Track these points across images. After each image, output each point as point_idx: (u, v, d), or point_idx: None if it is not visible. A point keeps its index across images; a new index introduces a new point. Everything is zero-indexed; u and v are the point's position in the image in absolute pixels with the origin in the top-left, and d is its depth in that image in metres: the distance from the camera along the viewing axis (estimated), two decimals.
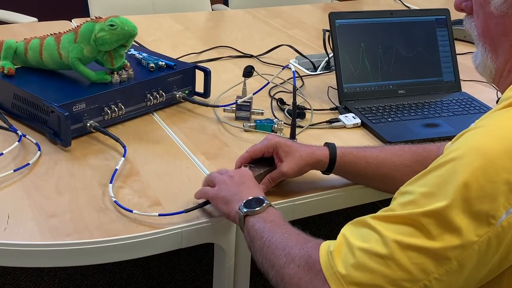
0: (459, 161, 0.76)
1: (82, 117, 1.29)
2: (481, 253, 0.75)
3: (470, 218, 0.74)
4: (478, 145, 0.77)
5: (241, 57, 1.87)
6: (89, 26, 1.34)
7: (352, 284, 0.77)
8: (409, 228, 0.76)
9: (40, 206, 1.08)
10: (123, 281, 2.02)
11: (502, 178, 0.74)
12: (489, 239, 0.75)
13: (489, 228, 0.74)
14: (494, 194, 0.74)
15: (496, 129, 0.78)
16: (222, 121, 1.43)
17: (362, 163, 1.16)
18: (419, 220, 0.76)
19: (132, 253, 1.04)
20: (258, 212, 0.97)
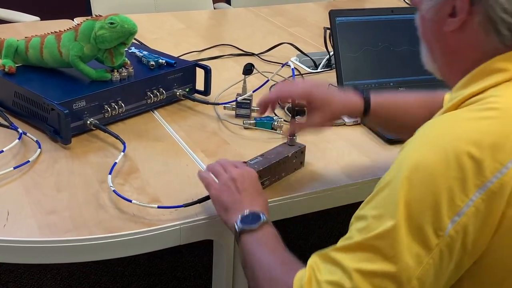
0: (398, 179, 0.77)
1: (82, 115, 1.30)
2: (436, 265, 0.77)
3: (418, 234, 0.76)
4: (413, 159, 0.77)
5: (243, 55, 1.87)
6: (89, 24, 1.35)
7: None
8: (367, 254, 0.78)
9: (40, 203, 1.09)
10: (125, 279, 2.03)
11: (442, 188, 0.75)
12: (441, 251, 0.76)
13: (438, 240, 0.75)
14: (436, 205, 0.75)
15: (428, 139, 0.79)
16: (222, 118, 1.44)
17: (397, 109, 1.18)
18: (374, 244, 0.77)
19: (131, 250, 1.04)
20: (253, 230, 0.96)
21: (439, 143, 0.77)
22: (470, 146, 0.75)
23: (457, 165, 0.75)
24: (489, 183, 0.74)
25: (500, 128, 0.76)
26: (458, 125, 0.78)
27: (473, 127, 0.77)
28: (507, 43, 0.81)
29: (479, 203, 0.75)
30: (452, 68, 0.89)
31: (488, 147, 0.75)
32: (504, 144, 0.75)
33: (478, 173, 0.74)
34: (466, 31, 0.84)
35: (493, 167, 0.74)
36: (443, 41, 0.88)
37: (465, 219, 0.75)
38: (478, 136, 0.76)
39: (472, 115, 0.79)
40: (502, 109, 0.78)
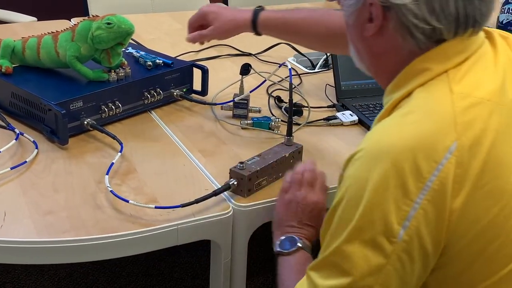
0: (347, 197, 0.82)
1: (79, 115, 1.29)
2: (398, 270, 0.79)
3: (372, 244, 0.79)
4: (356, 176, 0.81)
5: (240, 55, 1.87)
6: (86, 25, 1.34)
7: None
8: (329, 270, 0.83)
9: (37, 204, 1.09)
10: (122, 279, 2.02)
11: (386, 198, 0.78)
12: (399, 256, 0.79)
13: (393, 246, 0.78)
14: (384, 214, 0.78)
15: (366, 154, 0.81)
16: (220, 119, 1.44)
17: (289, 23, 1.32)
18: (332, 260, 0.83)
19: (128, 250, 1.04)
20: (286, 254, 1.04)
21: (375, 158, 0.80)
22: (404, 153, 0.78)
23: (395, 173, 0.78)
24: (429, 182, 0.77)
25: (427, 128, 0.79)
26: (389, 134, 0.81)
27: (402, 133, 0.80)
28: (422, 46, 0.85)
29: (425, 204, 0.77)
30: (378, 69, 0.94)
31: (420, 150, 0.78)
32: (433, 142, 0.78)
33: (416, 176, 0.77)
34: (384, 36, 0.87)
35: (429, 167, 0.77)
36: (366, 44, 0.92)
37: (415, 222, 0.78)
38: (408, 141, 0.78)
39: (399, 122, 0.82)
40: (425, 110, 0.81)
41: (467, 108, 0.81)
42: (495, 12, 2.26)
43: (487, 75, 0.85)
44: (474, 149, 0.78)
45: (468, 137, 0.79)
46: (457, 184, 0.78)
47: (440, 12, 0.81)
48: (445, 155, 0.77)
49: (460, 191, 0.78)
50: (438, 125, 0.79)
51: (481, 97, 0.82)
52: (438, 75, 0.84)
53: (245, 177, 1.12)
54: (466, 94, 0.82)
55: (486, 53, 0.88)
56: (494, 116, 0.81)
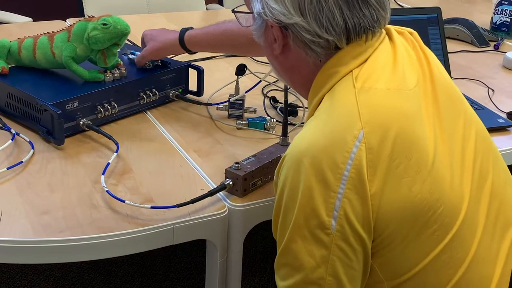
0: (285, 200, 0.88)
1: (75, 116, 1.30)
2: (342, 259, 0.85)
3: (311, 240, 0.85)
4: (284, 181, 0.87)
5: (235, 56, 1.88)
6: (82, 25, 1.35)
7: None
8: (284, 270, 0.89)
9: (33, 204, 1.09)
10: (118, 280, 2.03)
11: (312, 194, 0.84)
12: (338, 245, 0.84)
13: (329, 237, 0.84)
14: (315, 209, 0.84)
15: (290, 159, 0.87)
16: (215, 119, 1.44)
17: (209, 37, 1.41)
18: (283, 260, 0.89)
19: (124, 250, 1.05)
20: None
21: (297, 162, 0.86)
22: (319, 152, 0.85)
23: (315, 172, 0.84)
24: (346, 172, 0.83)
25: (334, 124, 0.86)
26: (304, 139, 0.88)
27: (315, 135, 0.87)
28: (322, 59, 0.92)
29: (347, 193, 0.84)
30: (294, 82, 1.01)
31: (332, 145, 0.84)
32: (342, 135, 0.85)
33: (334, 169, 0.84)
34: (290, 52, 0.94)
35: (343, 158, 0.84)
36: (278, 61, 0.99)
37: (342, 211, 0.84)
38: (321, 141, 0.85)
39: (311, 125, 0.89)
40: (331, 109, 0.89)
41: (369, 98, 0.88)
42: (488, 14, 2.28)
43: (388, 68, 0.92)
44: (382, 134, 0.85)
45: (373, 124, 0.85)
46: (371, 169, 0.84)
47: (329, 25, 0.88)
48: (354, 143, 0.84)
49: (375, 175, 0.84)
50: (344, 119, 0.86)
51: (382, 88, 0.89)
52: (343, 75, 0.91)
53: (240, 177, 1.13)
54: (368, 87, 0.89)
55: (386, 49, 0.94)
56: (397, 102, 0.88)
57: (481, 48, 2.06)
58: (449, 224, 0.88)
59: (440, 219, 0.87)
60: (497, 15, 2.22)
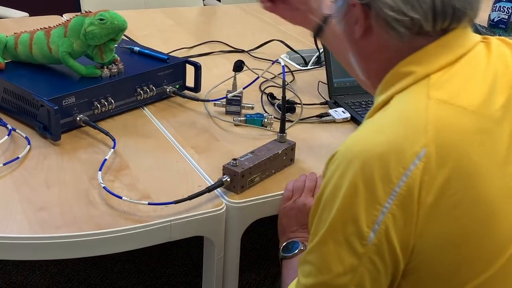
0: (324, 199, 0.83)
1: (72, 111, 1.29)
2: (371, 272, 0.81)
3: (346, 246, 0.81)
4: (332, 180, 0.83)
5: (233, 52, 1.88)
6: (79, 21, 1.34)
7: None
8: (308, 268, 0.86)
9: (30, 200, 1.08)
10: (114, 276, 2.02)
11: (357, 202, 0.79)
12: (371, 258, 0.80)
13: (364, 249, 0.80)
14: (355, 218, 0.80)
15: (341, 157, 0.82)
16: (213, 115, 1.44)
17: None
18: (310, 258, 0.85)
19: (121, 246, 1.04)
20: (288, 258, 1.10)
21: (348, 162, 0.81)
22: (373, 159, 0.79)
23: (364, 179, 0.79)
24: (397, 188, 0.78)
25: (397, 134, 0.80)
26: (361, 139, 0.82)
27: (374, 139, 0.81)
28: (405, 39, 0.85)
29: (394, 209, 0.78)
30: (370, 74, 0.94)
31: (389, 155, 0.78)
32: (403, 148, 0.78)
33: (385, 181, 0.78)
34: (371, 34, 0.88)
35: (398, 172, 0.78)
36: (357, 48, 0.93)
37: (384, 226, 0.79)
38: (378, 147, 0.79)
39: (372, 127, 0.84)
40: (399, 115, 0.82)
41: (440, 114, 0.80)
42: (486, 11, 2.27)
43: (473, 82, 0.84)
44: (444, 157, 0.78)
45: (438, 145, 0.78)
46: (424, 191, 0.78)
47: (415, 1, 0.82)
48: (413, 161, 0.78)
49: (426, 198, 0.78)
50: (409, 131, 0.80)
51: (459, 105, 0.81)
52: (420, 79, 0.84)
53: (238, 173, 1.12)
54: (444, 101, 0.81)
55: (476, 58, 0.87)
56: (469, 126, 0.80)
57: None
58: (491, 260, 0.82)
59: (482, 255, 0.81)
60: (495, 12, 2.22)
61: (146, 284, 2.00)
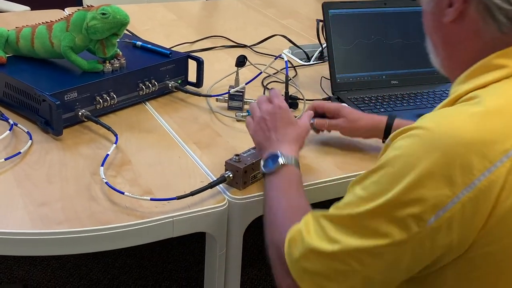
0: (391, 168, 0.80)
1: (74, 106, 1.29)
2: (415, 252, 0.79)
3: (399, 222, 0.78)
4: (408, 152, 0.78)
5: (235, 47, 1.87)
6: (81, 15, 1.33)
7: (305, 271, 0.85)
8: (348, 228, 0.82)
9: (31, 195, 1.08)
10: (116, 270, 2.02)
11: (430, 186, 0.76)
12: (421, 240, 0.78)
13: (419, 229, 0.77)
14: (422, 198, 0.76)
15: (422, 137, 0.79)
16: (215, 110, 1.43)
17: None
18: (355, 221, 0.82)
19: (123, 242, 1.04)
20: (271, 173, 1.04)
21: (431, 141, 0.77)
22: (459, 146, 0.76)
23: (445, 164, 0.76)
24: (477, 181, 0.75)
25: (491, 127, 0.77)
26: (450, 123, 0.78)
27: (464, 126, 0.77)
28: (505, 31, 0.81)
29: (465, 200, 0.75)
30: (453, 60, 0.90)
31: (476, 146, 0.75)
32: (492, 142, 0.75)
33: (465, 171, 0.75)
34: (464, 20, 0.84)
35: (482, 166, 0.75)
36: (444, 32, 0.88)
37: (449, 215, 0.76)
38: (467, 135, 0.76)
39: (464, 113, 0.79)
40: (493, 107, 0.78)
41: None
42: None
43: None
44: None
45: None
46: (505, 192, 0.75)
47: None
48: (501, 158, 0.75)
49: (506, 199, 0.75)
50: (502, 126, 0.76)
51: None
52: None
53: (240, 169, 1.12)
54: None
55: None
56: None
57: None
58: None
59: None
60: None
61: (148, 279, 2.00)
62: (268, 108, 1.13)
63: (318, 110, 1.27)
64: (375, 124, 1.25)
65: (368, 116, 1.27)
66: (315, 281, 0.84)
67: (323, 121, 1.26)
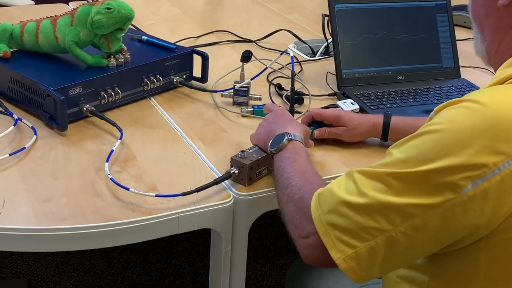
0: (435, 134, 0.80)
1: (79, 101, 1.28)
2: (446, 218, 0.79)
3: (435, 188, 0.78)
4: (456, 120, 0.79)
5: (239, 41, 1.86)
6: (86, 9, 1.33)
7: (331, 225, 0.85)
8: (383, 185, 0.82)
9: (36, 191, 1.07)
10: (120, 265, 2.02)
11: (472, 157, 0.76)
12: (454, 206, 0.78)
13: (454, 195, 0.77)
14: (462, 166, 0.77)
15: (479, 107, 0.79)
16: (220, 106, 1.43)
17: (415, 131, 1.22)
18: (390, 180, 0.81)
19: (128, 238, 1.04)
20: (280, 149, 1.07)
21: (481, 112, 0.78)
22: (509, 120, 0.76)
23: (493, 136, 0.76)
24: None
25: None
26: (500, 98, 0.79)
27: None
28: None
29: (506, 174, 0.76)
30: (501, 46, 0.90)
31: None
32: None
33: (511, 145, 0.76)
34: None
35: None
36: (496, 16, 0.89)
37: (487, 185, 0.76)
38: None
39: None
40: None
41: None
42: None
43: None
44: None
45: None
46: None
47: None
48: None
49: None
50: None
51: None
52: None
53: (246, 166, 1.11)
54: None
55: None
56: None
57: None
58: None
59: None
60: None
61: (152, 275, 2.00)
62: (269, 114, 1.21)
63: (316, 118, 1.27)
64: (374, 126, 1.27)
65: (365, 118, 1.28)
66: (338, 237, 0.84)
67: (323, 132, 1.27)
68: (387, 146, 1.29)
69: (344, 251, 0.83)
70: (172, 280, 1.98)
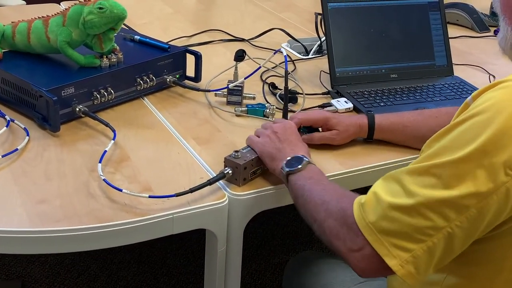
0: (481, 116, 0.78)
1: (71, 102, 1.27)
2: (500, 203, 0.77)
3: (486, 170, 0.76)
4: (502, 100, 0.78)
5: (233, 40, 1.85)
6: (78, 9, 1.32)
7: (382, 232, 0.82)
8: (431, 179, 0.79)
9: (29, 192, 1.07)
10: (114, 266, 2.01)
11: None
12: (508, 189, 0.77)
13: (507, 178, 0.76)
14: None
15: None
16: (213, 105, 1.42)
17: (399, 128, 1.25)
18: (439, 171, 0.79)
19: (123, 240, 1.03)
20: (298, 170, 1.04)
21: None
22: None
23: None
24: None
25: None
26: None
27: None
28: None
29: None
30: None
31: None
32: None
33: None
34: None
35: None
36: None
37: None
38: None
39: None
40: None
41: None
42: None
43: None
44: None
45: None
46: None
47: None
48: None
49: None
50: None
51: None
52: None
53: (240, 166, 1.11)
54: None
55: None
56: None
57: (481, 33, 2.03)
58: None
59: None
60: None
61: (146, 275, 1.99)
62: (277, 125, 1.17)
63: (304, 124, 1.25)
64: (360, 127, 1.26)
65: (352, 120, 1.27)
66: (392, 242, 0.81)
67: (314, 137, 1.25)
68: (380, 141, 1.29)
69: (400, 256, 0.81)
70: (167, 281, 1.97)
